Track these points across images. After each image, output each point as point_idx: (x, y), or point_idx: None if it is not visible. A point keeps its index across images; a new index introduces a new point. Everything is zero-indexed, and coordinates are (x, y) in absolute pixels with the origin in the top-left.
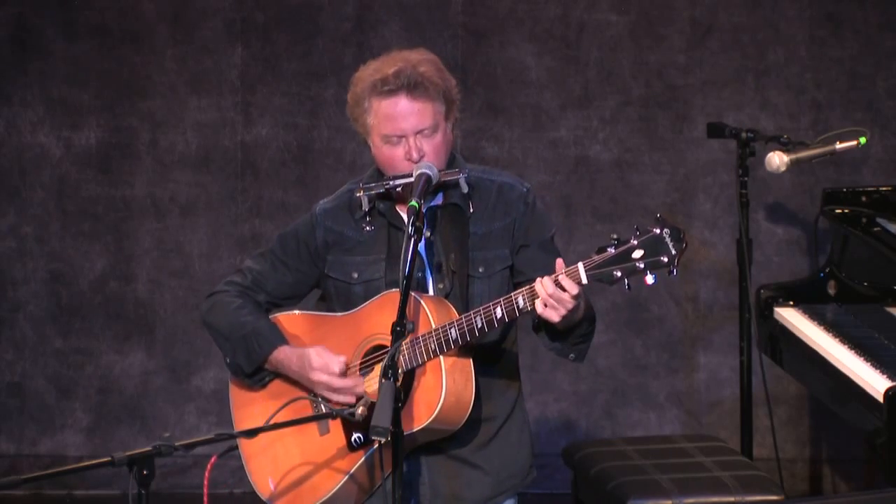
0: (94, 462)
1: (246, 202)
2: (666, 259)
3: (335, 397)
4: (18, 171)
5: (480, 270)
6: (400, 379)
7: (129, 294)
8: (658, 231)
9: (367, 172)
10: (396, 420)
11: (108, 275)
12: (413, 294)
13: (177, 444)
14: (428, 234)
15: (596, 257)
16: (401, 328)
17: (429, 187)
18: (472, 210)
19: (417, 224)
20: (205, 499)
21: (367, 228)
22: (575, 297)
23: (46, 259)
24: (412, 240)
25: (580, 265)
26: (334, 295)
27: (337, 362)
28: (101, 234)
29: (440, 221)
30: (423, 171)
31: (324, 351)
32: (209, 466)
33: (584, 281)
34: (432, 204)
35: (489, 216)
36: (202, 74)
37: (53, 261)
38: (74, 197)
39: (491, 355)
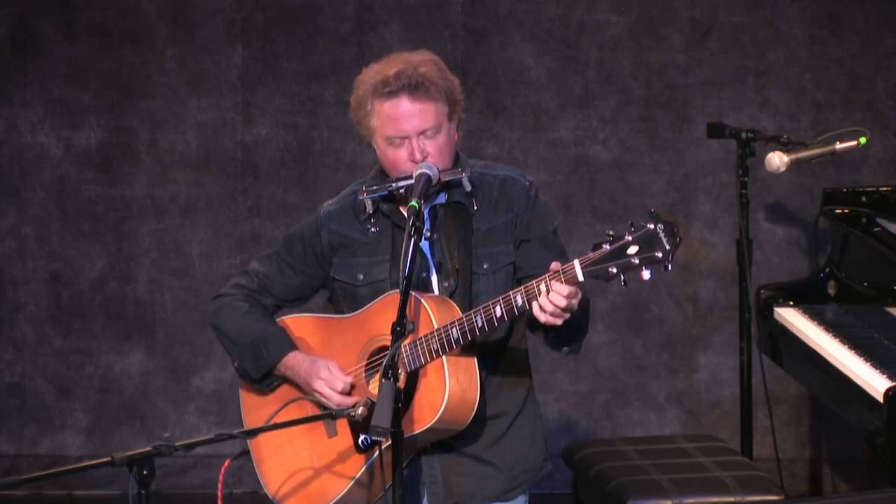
0: (94, 462)
1: (246, 202)
2: (660, 254)
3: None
4: (18, 171)
5: (485, 267)
6: (403, 380)
7: (129, 294)
8: (652, 226)
9: (371, 173)
10: (396, 420)
11: (108, 275)
12: (415, 294)
13: (177, 444)
14: (428, 234)
15: (591, 254)
16: (401, 328)
17: (429, 187)
18: (475, 207)
19: (417, 224)
20: (219, 500)
21: (372, 230)
22: (574, 297)
23: (46, 259)
24: (412, 240)
25: (576, 263)
26: (341, 297)
27: (342, 381)
28: (101, 234)
29: (444, 220)
30: (423, 171)
31: (334, 367)
32: (223, 469)
33: (581, 279)
34: (435, 203)
35: (492, 212)
36: (202, 74)
37: (53, 261)
38: (74, 197)
39: (498, 352)
